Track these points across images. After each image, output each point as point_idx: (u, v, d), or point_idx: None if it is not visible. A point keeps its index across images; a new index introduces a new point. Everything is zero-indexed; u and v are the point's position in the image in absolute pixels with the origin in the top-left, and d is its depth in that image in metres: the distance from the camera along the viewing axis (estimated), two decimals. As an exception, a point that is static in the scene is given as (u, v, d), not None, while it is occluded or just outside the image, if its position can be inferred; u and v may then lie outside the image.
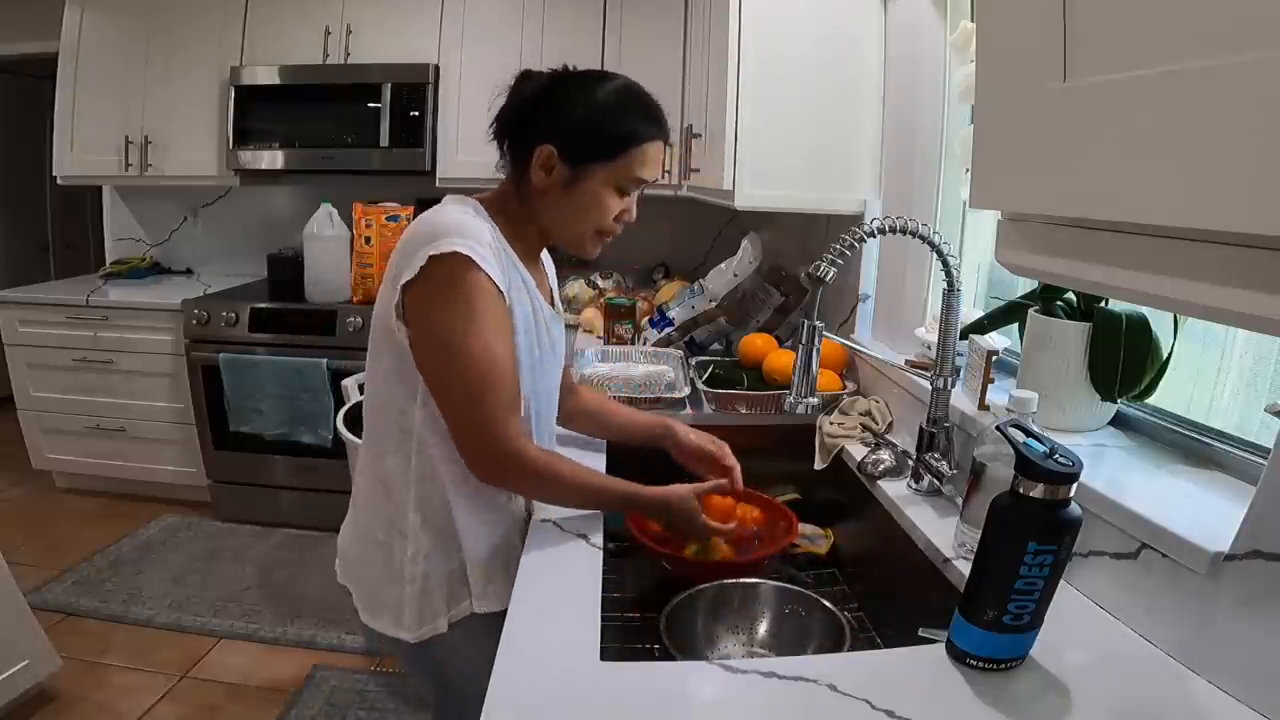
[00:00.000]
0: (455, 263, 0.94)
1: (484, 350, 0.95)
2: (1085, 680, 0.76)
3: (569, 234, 1.07)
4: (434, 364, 0.98)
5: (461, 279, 0.94)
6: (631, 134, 1.01)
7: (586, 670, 0.78)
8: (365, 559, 1.11)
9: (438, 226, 0.96)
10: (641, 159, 1.02)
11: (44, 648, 1.94)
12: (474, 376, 0.95)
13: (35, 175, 4.33)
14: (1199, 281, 0.46)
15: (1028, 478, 0.72)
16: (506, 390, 0.98)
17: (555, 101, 1.02)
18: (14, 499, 3.20)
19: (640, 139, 1.02)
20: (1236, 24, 0.40)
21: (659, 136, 1.04)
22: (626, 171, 1.02)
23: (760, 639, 1.08)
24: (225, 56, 3.02)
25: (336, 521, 1.27)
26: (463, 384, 0.96)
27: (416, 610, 1.06)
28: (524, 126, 1.03)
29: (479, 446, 0.98)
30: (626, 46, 2.86)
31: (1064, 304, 1.14)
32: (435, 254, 0.93)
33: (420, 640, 1.06)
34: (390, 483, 1.06)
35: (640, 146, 1.02)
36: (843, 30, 1.71)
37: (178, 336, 2.91)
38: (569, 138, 1.00)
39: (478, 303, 0.95)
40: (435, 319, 0.95)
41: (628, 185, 1.04)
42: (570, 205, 1.03)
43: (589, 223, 1.05)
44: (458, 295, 0.94)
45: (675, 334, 2.09)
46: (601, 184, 1.02)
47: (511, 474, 1.01)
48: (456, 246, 0.93)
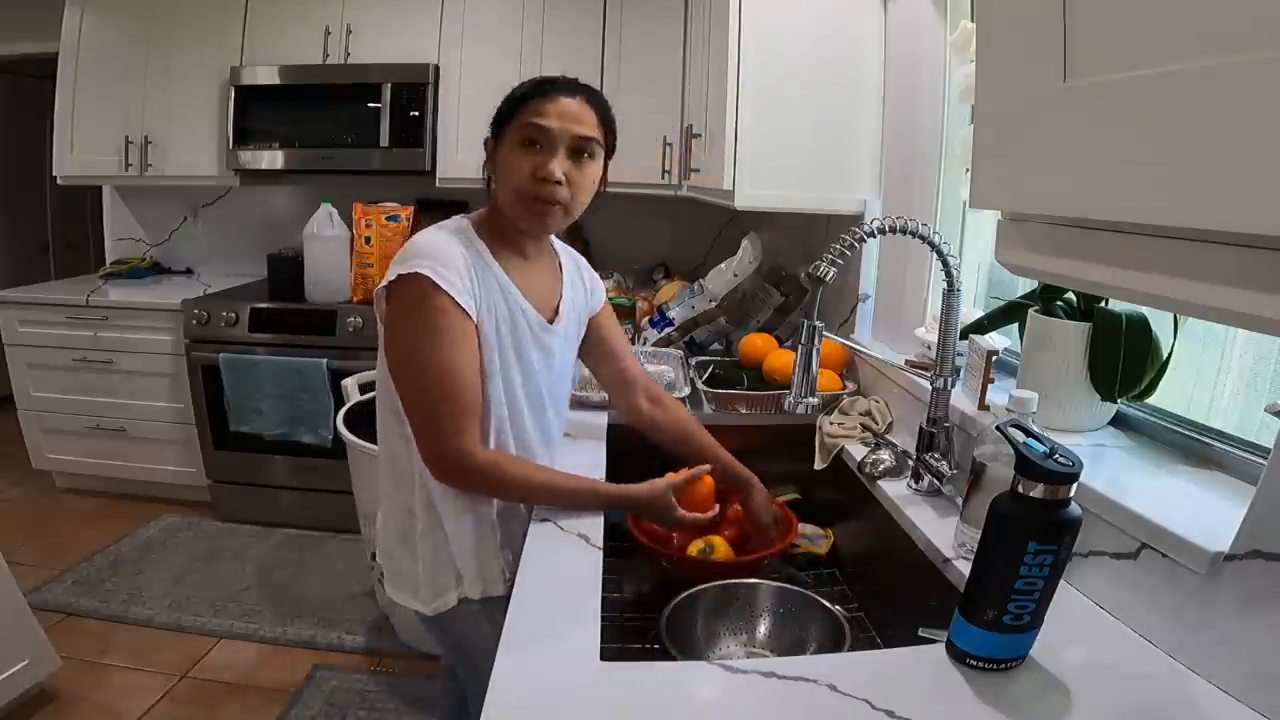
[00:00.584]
0: (416, 284, 1.02)
1: (439, 364, 1.03)
2: (1085, 680, 0.76)
3: (507, 207, 1.11)
4: (398, 375, 1.08)
5: (420, 298, 1.02)
6: (526, 92, 1.09)
7: (586, 670, 0.79)
8: (389, 535, 1.20)
9: (413, 248, 1.05)
10: (536, 109, 1.06)
11: (44, 648, 1.94)
12: (430, 388, 1.04)
13: (35, 175, 4.33)
14: (1199, 281, 0.46)
15: (1028, 478, 0.72)
16: (462, 400, 1.04)
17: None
18: (14, 499, 3.20)
19: (528, 95, 1.08)
20: (1236, 24, 0.40)
21: (554, 91, 1.08)
22: (522, 121, 1.07)
23: (760, 639, 1.08)
24: (225, 57, 3.02)
25: (336, 521, 1.29)
26: (420, 394, 1.05)
27: (430, 584, 1.14)
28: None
29: (433, 452, 1.06)
30: (626, 46, 2.86)
31: (1064, 304, 1.14)
32: (402, 273, 1.02)
33: (436, 614, 1.14)
34: (397, 467, 1.15)
35: (530, 101, 1.07)
36: (843, 30, 1.71)
37: (178, 336, 2.91)
38: (494, 119, 1.12)
39: (436, 320, 1.03)
40: (399, 333, 1.06)
41: (529, 134, 1.07)
42: (499, 175, 1.11)
43: (511, 182, 1.08)
44: (417, 313, 1.03)
45: (675, 334, 2.09)
46: (509, 147, 1.08)
47: (461, 477, 1.08)
48: (419, 268, 1.01)
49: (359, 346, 2.78)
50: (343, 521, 2.60)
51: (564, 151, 1.07)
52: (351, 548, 2.72)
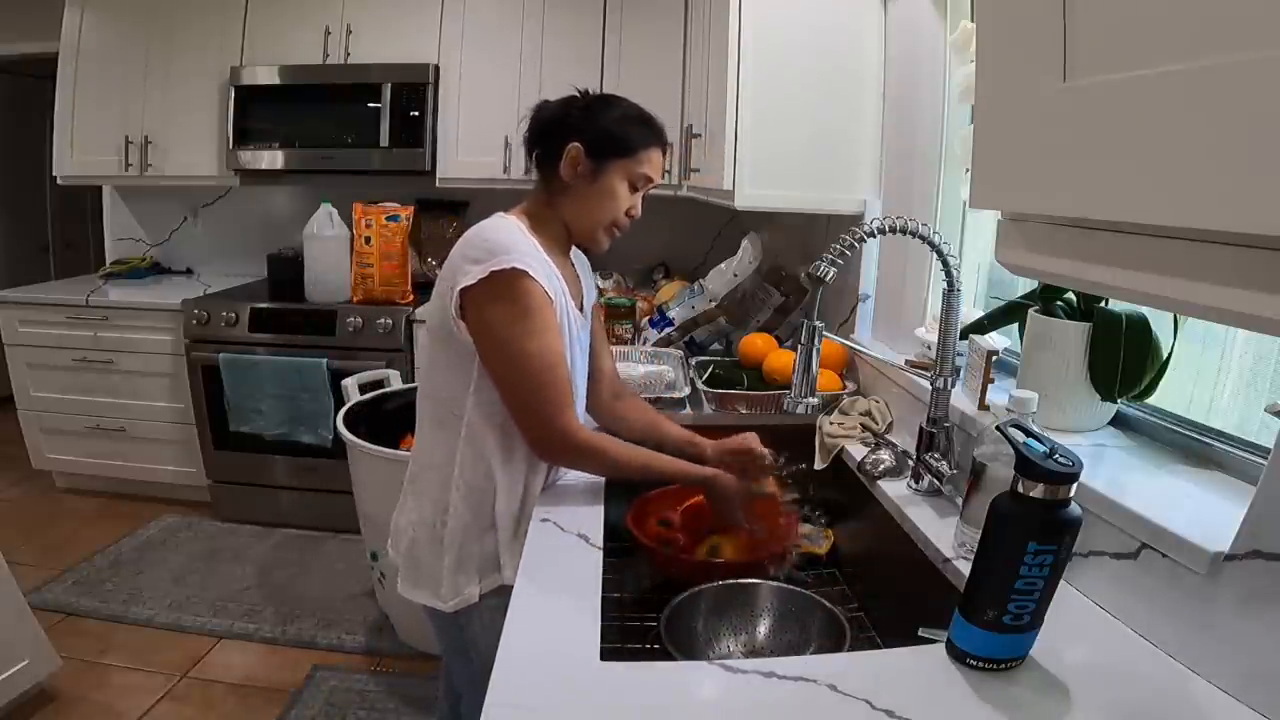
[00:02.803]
0: (514, 276, 1.09)
1: (542, 351, 1.11)
2: (1085, 680, 0.76)
3: (587, 225, 1.22)
4: (499, 364, 1.12)
5: (521, 291, 1.10)
6: (642, 137, 1.20)
7: (586, 670, 0.79)
8: (413, 533, 1.23)
9: (498, 243, 1.11)
10: (649, 159, 1.21)
11: (44, 648, 1.94)
12: (534, 374, 1.11)
13: (35, 175, 4.33)
14: (1199, 281, 0.46)
15: (1028, 478, 0.72)
16: (562, 383, 1.13)
17: (581, 111, 1.20)
18: (14, 499, 3.20)
19: (649, 142, 1.21)
20: (1236, 24, 0.40)
21: (662, 143, 1.23)
22: (637, 168, 1.20)
23: (760, 639, 1.08)
24: (225, 57, 3.01)
25: (336, 521, 1.31)
26: (525, 381, 1.12)
27: (453, 582, 1.17)
28: (553, 133, 1.20)
29: (543, 434, 1.14)
30: (626, 47, 2.86)
31: (1064, 304, 1.14)
32: (497, 269, 1.08)
33: (454, 610, 1.18)
34: (438, 462, 1.20)
35: (649, 148, 1.20)
36: (843, 30, 1.71)
37: (178, 336, 2.91)
38: (593, 137, 1.18)
39: (534, 310, 1.10)
40: (500, 326, 1.10)
41: (637, 181, 1.21)
42: (593, 196, 1.19)
43: (606, 213, 1.20)
44: (518, 305, 1.10)
45: (675, 334, 2.09)
46: (618, 178, 1.19)
47: (570, 455, 1.17)
48: (514, 263, 1.09)
49: (359, 346, 2.78)
50: (343, 521, 2.60)
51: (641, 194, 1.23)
52: (351, 548, 2.71)
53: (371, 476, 2.08)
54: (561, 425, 1.12)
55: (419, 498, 1.23)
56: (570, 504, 1.19)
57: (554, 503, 1.19)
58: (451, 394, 1.17)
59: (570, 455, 1.17)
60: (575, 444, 1.14)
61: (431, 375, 1.22)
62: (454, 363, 1.16)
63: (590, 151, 1.17)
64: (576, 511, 1.15)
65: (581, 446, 1.15)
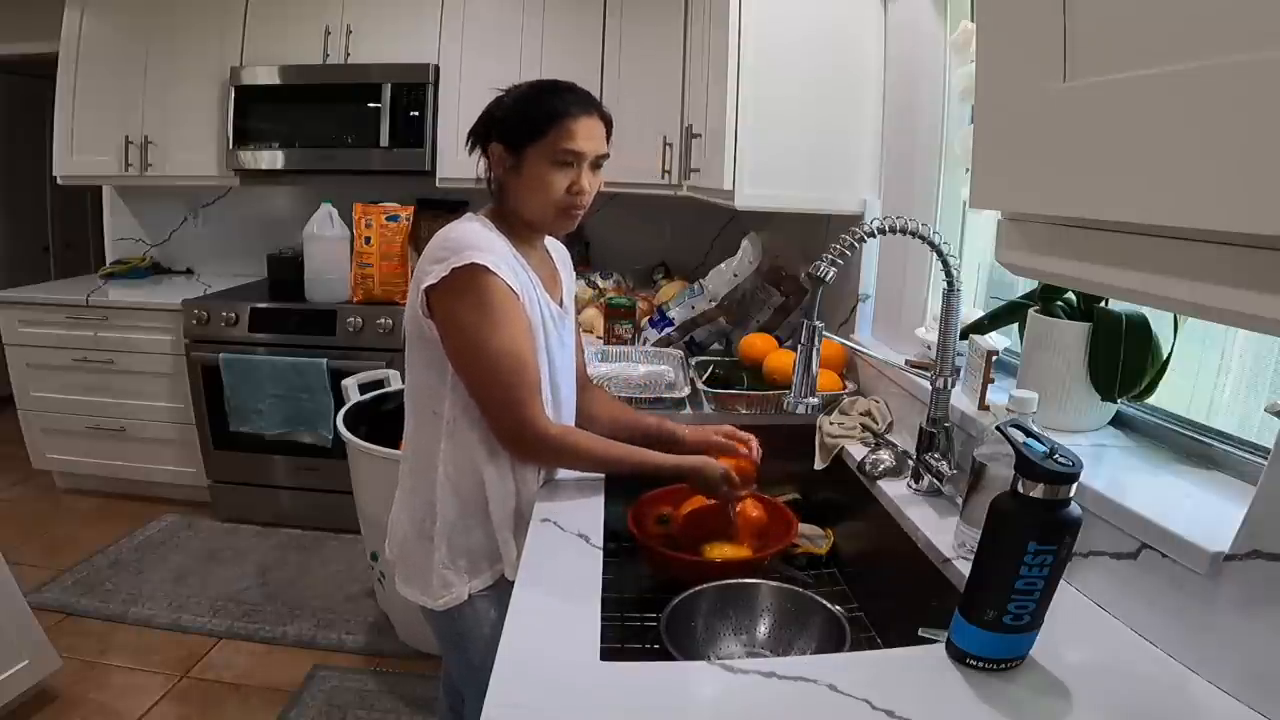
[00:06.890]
0: (474, 272, 1.08)
1: (505, 346, 1.10)
2: (1085, 680, 0.76)
3: (536, 215, 1.18)
4: (465, 360, 1.12)
5: (480, 286, 1.09)
6: (549, 114, 1.13)
7: (586, 670, 0.79)
8: (404, 531, 1.23)
9: (459, 241, 1.10)
10: (567, 131, 1.13)
11: (44, 648, 1.94)
12: (501, 369, 1.10)
13: (35, 175, 4.33)
14: (1199, 281, 0.46)
15: (1028, 478, 0.72)
16: (528, 378, 1.12)
17: (492, 106, 1.19)
18: (14, 499, 3.20)
19: (558, 116, 1.13)
20: (1236, 24, 0.40)
21: (579, 110, 1.14)
22: (557, 145, 1.13)
23: (760, 639, 1.08)
24: (225, 57, 3.01)
25: (336, 521, 1.31)
26: (489, 376, 1.11)
27: (441, 578, 1.17)
28: (481, 136, 1.20)
29: (511, 429, 1.13)
30: (626, 47, 2.86)
31: (1064, 304, 1.14)
32: (458, 265, 1.07)
33: (445, 608, 1.17)
34: (424, 459, 1.19)
35: (560, 122, 1.13)
36: (843, 30, 1.71)
37: (178, 336, 2.91)
38: (504, 131, 1.15)
39: (495, 305, 1.09)
40: (464, 322, 1.10)
41: (563, 157, 1.14)
42: (525, 188, 1.16)
43: (545, 200, 1.15)
44: (479, 300, 1.09)
45: (675, 334, 2.09)
46: (542, 163, 1.14)
47: (540, 450, 1.16)
48: (474, 259, 1.08)
49: (359, 346, 2.78)
50: (343, 521, 2.61)
51: (587, 166, 1.16)
52: (351, 548, 2.71)
53: (371, 476, 2.08)
54: (529, 419, 1.11)
55: (409, 496, 1.23)
56: (570, 504, 1.19)
57: (554, 502, 1.19)
58: (431, 392, 1.17)
59: (542, 451, 1.16)
60: (545, 439, 1.13)
61: (413, 374, 1.22)
62: (430, 361, 1.16)
63: (508, 146, 1.15)
64: (576, 511, 1.15)
65: (553, 442, 1.14)
